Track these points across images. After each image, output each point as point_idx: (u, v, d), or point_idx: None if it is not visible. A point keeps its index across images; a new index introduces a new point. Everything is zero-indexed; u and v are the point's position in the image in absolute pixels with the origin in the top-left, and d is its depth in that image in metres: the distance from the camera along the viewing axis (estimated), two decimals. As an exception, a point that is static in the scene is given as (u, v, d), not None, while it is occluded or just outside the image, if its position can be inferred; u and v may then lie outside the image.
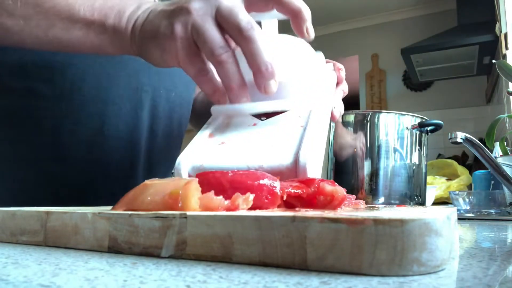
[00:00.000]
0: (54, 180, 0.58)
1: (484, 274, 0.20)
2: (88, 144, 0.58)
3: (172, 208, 0.26)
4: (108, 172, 0.60)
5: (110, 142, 0.60)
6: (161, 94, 0.65)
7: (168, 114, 0.67)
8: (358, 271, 0.19)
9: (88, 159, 0.59)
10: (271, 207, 0.29)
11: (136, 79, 0.61)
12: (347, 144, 0.83)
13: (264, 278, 0.18)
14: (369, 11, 3.39)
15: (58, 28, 0.42)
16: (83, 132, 0.58)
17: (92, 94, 0.58)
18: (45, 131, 0.56)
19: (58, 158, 0.57)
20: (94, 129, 0.58)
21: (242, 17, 0.38)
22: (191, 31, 0.38)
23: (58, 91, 0.56)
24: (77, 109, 0.57)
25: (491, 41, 2.20)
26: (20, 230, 0.30)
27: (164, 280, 0.18)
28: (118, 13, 0.42)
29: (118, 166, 0.61)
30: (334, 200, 0.30)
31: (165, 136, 0.68)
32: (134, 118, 0.62)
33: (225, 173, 0.30)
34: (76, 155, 0.58)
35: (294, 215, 0.20)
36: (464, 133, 0.76)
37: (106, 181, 0.60)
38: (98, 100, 0.58)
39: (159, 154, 0.68)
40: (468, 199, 0.94)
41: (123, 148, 0.61)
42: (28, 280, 0.18)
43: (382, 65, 3.44)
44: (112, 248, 0.25)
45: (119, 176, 0.61)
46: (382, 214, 0.20)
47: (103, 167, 0.60)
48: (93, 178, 0.60)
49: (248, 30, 0.37)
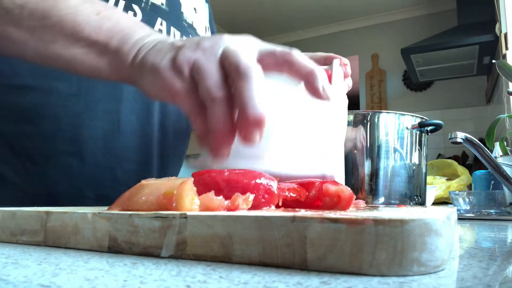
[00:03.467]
0: (72, 174, 0.60)
1: (484, 274, 0.20)
2: (105, 139, 0.61)
3: (166, 208, 0.26)
4: (124, 167, 0.63)
5: (125, 137, 0.62)
6: None
7: (177, 111, 0.70)
8: (358, 271, 0.18)
9: (105, 153, 0.61)
10: (269, 206, 0.29)
11: None
12: (346, 139, 0.84)
13: (264, 278, 0.18)
14: (369, 11, 3.39)
15: (60, 44, 0.42)
16: (99, 127, 0.60)
17: (107, 92, 0.60)
18: (63, 127, 0.59)
19: (76, 153, 0.60)
20: (110, 124, 0.61)
21: (243, 58, 0.35)
22: (192, 66, 0.37)
23: (75, 89, 0.58)
24: (94, 106, 0.60)
25: (491, 41, 2.20)
26: (20, 230, 0.30)
27: (164, 280, 0.18)
28: (125, 36, 0.41)
29: (133, 161, 0.64)
30: (341, 200, 0.30)
31: (175, 131, 0.71)
32: (146, 114, 0.65)
33: (221, 172, 0.30)
34: (93, 150, 0.61)
35: (294, 215, 0.20)
36: (464, 133, 0.76)
37: (124, 175, 0.63)
38: (113, 97, 0.61)
39: (170, 149, 0.71)
40: (468, 199, 0.94)
41: (137, 143, 0.64)
42: (28, 280, 0.18)
43: (382, 65, 3.44)
44: (112, 248, 0.25)
45: (135, 170, 0.64)
46: (382, 214, 0.20)
47: (119, 162, 0.63)
48: (110, 172, 0.62)
49: (246, 69, 0.34)
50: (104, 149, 0.61)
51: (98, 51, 0.42)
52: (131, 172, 0.64)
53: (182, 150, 0.76)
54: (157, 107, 0.66)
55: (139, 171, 0.65)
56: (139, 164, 0.65)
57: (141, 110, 0.64)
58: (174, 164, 0.74)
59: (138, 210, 0.26)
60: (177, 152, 0.74)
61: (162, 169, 0.69)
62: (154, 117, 0.66)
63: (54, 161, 0.59)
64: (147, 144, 0.66)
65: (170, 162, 0.72)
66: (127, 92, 0.62)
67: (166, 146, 0.69)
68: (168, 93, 0.38)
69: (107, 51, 0.42)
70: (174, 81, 0.37)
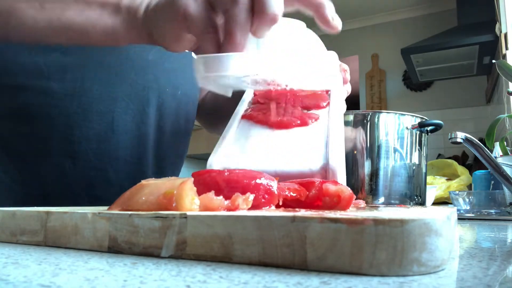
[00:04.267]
0: (66, 174, 0.60)
1: (484, 274, 0.20)
2: (99, 139, 0.61)
3: (166, 208, 0.26)
4: (118, 167, 0.63)
5: (119, 138, 0.62)
6: (167, 92, 0.67)
7: (175, 111, 0.70)
8: (358, 271, 0.18)
9: (99, 153, 0.61)
10: (269, 206, 0.29)
11: (143, 77, 0.64)
12: (346, 139, 0.84)
13: (264, 278, 0.18)
14: (369, 11, 3.39)
15: (73, 10, 0.43)
16: (93, 128, 0.60)
17: (101, 92, 0.60)
18: (57, 127, 0.59)
19: (70, 152, 0.60)
20: (104, 125, 0.61)
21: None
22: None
23: (70, 90, 0.58)
24: (88, 107, 0.59)
25: (491, 41, 2.20)
26: (20, 230, 0.30)
27: (164, 280, 0.18)
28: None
29: (128, 161, 0.64)
30: (341, 200, 0.30)
31: (173, 132, 0.70)
32: (142, 115, 0.64)
33: (221, 172, 0.30)
34: (87, 150, 0.60)
35: (294, 215, 0.20)
36: (464, 133, 0.76)
37: (117, 176, 0.63)
38: (107, 98, 0.60)
39: (167, 150, 0.70)
40: (468, 199, 0.94)
41: (132, 144, 0.64)
42: (28, 280, 0.18)
43: (382, 65, 3.44)
44: (112, 248, 0.25)
45: (129, 171, 0.64)
46: (382, 214, 0.20)
47: (113, 162, 0.62)
48: (103, 172, 0.62)
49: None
50: (98, 150, 0.61)
51: (111, 11, 0.43)
52: (126, 173, 0.63)
53: (181, 150, 0.75)
54: (154, 107, 0.66)
55: (134, 171, 0.64)
56: (133, 164, 0.64)
57: (136, 110, 0.63)
58: (173, 165, 0.73)
59: (138, 210, 0.26)
60: (175, 152, 0.73)
61: (158, 170, 0.68)
62: (150, 117, 0.65)
63: (47, 161, 0.59)
64: (143, 145, 0.65)
65: (167, 163, 0.71)
66: (122, 92, 0.62)
67: (163, 146, 0.68)
68: (182, 19, 0.39)
69: (119, 9, 0.42)
70: (188, 3, 0.38)
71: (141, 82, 0.63)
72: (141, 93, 0.63)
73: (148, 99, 0.64)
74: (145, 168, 0.66)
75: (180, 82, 0.70)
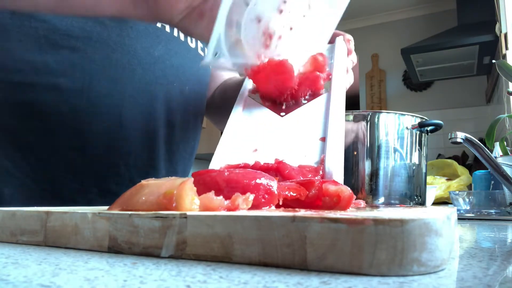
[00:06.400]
0: (76, 168, 0.61)
1: (484, 274, 0.20)
2: (107, 134, 0.61)
3: (166, 208, 0.26)
4: (127, 161, 0.63)
5: (128, 132, 0.63)
6: (175, 87, 0.68)
7: (183, 107, 0.70)
8: (358, 271, 0.18)
9: (108, 148, 0.62)
10: (269, 206, 0.29)
11: (151, 72, 0.64)
12: (346, 139, 0.84)
13: (264, 278, 0.18)
14: (369, 11, 3.39)
15: None
16: (102, 122, 0.61)
17: (109, 87, 0.61)
18: (66, 122, 0.59)
19: (79, 147, 0.60)
20: (113, 119, 0.61)
21: None
22: None
23: (78, 86, 0.59)
24: (96, 102, 0.60)
25: (491, 41, 2.20)
26: (20, 230, 0.30)
27: (164, 280, 0.18)
28: None
29: (137, 156, 0.64)
30: (341, 200, 0.30)
31: (183, 128, 0.71)
32: (150, 110, 0.65)
33: (221, 172, 0.30)
34: (96, 144, 0.61)
35: (294, 215, 0.20)
36: (464, 133, 0.76)
37: (127, 170, 0.63)
38: (115, 93, 0.61)
39: (178, 145, 0.71)
40: (468, 199, 0.94)
41: (141, 139, 0.64)
42: (28, 280, 0.18)
43: (382, 65, 3.44)
44: (112, 248, 0.25)
45: (139, 165, 0.64)
46: (382, 214, 0.20)
47: (123, 156, 0.63)
48: (113, 166, 0.63)
49: None
50: (107, 144, 0.62)
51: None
52: (136, 167, 0.64)
53: (191, 146, 0.76)
54: (162, 102, 0.66)
55: (146, 166, 0.65)
56: (144, 159, 0.65)
57: (144, 106, 0.64)
58: (184, 161, 0.74)
59: (138, 210, 0.26)
60: (186, 148, 0.74)
61: (170, 164, 0.69)
62: (159, 112, 0.66)
63: (57, 156, 0.60)
64: (152, 140, 0.66)
65: (179, 158, 0.72)
66: (131, 87, 0.62)
67: (173, 142, 0.69)
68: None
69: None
70: None
71: (148, 77, 0.64)
72: (149, 88, 0.64)
73: (156, 94, 0.65)
74: (157, 162, 0.67)
75: (188, 78, 0.71)
